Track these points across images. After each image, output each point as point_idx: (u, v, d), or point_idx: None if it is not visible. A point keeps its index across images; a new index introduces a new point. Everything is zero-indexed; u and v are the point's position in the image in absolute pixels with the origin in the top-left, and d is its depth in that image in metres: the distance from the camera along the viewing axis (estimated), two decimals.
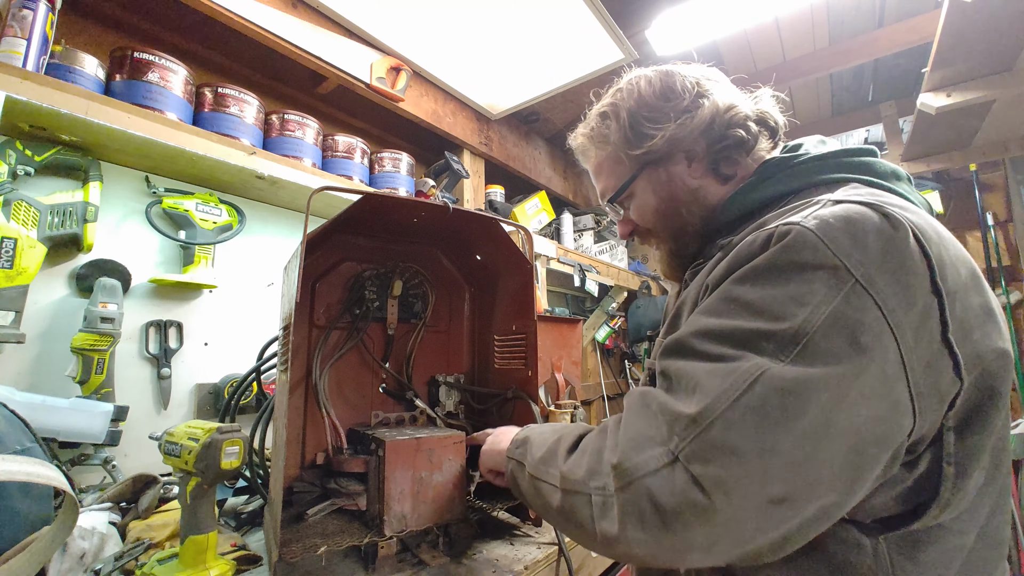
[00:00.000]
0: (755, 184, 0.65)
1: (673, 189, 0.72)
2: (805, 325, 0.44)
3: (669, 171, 0.72)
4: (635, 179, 0.74)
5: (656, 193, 0.73)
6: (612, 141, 0.73)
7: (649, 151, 0.70)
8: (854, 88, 2.84)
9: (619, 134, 0.72)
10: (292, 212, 1.64)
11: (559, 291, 2.93)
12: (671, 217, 0.73)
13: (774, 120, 0.71)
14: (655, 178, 0.72)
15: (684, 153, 0.70)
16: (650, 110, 0.70)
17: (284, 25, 1.42)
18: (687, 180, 0.71)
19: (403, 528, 0.86)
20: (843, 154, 0.62)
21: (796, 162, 0.63)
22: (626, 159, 0.73)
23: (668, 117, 0.69)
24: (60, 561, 0.74)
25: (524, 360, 1.10)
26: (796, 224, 0.49)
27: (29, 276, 1.00)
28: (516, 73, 1.88)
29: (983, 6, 1.50)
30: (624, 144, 0.72)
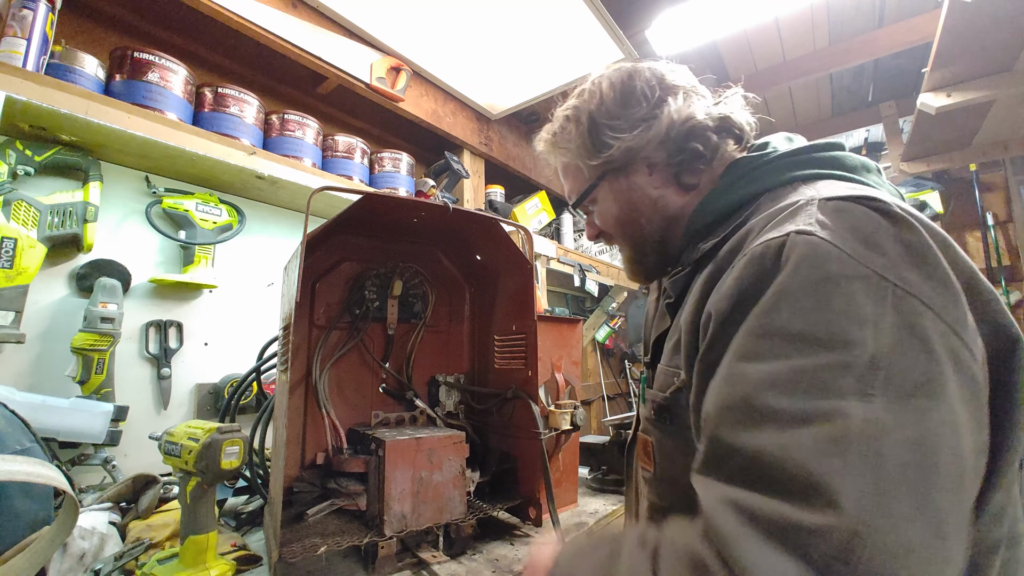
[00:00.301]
0: (728, 185, 0.64)
1: (633, 198, 0.70)
2: (877, 347, 0.38)
3: (630, 180, 0.70)
4: (596, 187, 0.73)
5: (616, 201, 0.72)
6: (573, 147, 0.72)
7: (607, 160, 0.69)
8: (854, 88, 2.84)
9: (578, 141, 0.71)
10: (292, 212, 1.64)
11: (559, 291, 2.93)
12: (631, 226, 0.72)
13: (739, 127, 0.68)
14: (616, 186, 0.71)
15: (645, 162, 0.69)
16: (609, 117, 0.68)
17: (284, 25, 1.42)
18: (648, 190, 0.70)
19: (403, 528, 0.86)
20: (812, 149, 0.61)
21: (765, 160, 0.62)
22: (587, 166, 0.72)
23: (625, 127, 0.67)
24: (60, 561, 0.74)
25: (524, 360, 1.10)
26: (804, 233, 0.45)
27: (29, 276, 1.00)
28: (516, 73, 1.88)
29: (983, 6, 1.50)
30: (583, 152, 0.71)
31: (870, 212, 0.46)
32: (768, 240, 0.47)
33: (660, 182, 0.69)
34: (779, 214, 0.51)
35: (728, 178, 0.64)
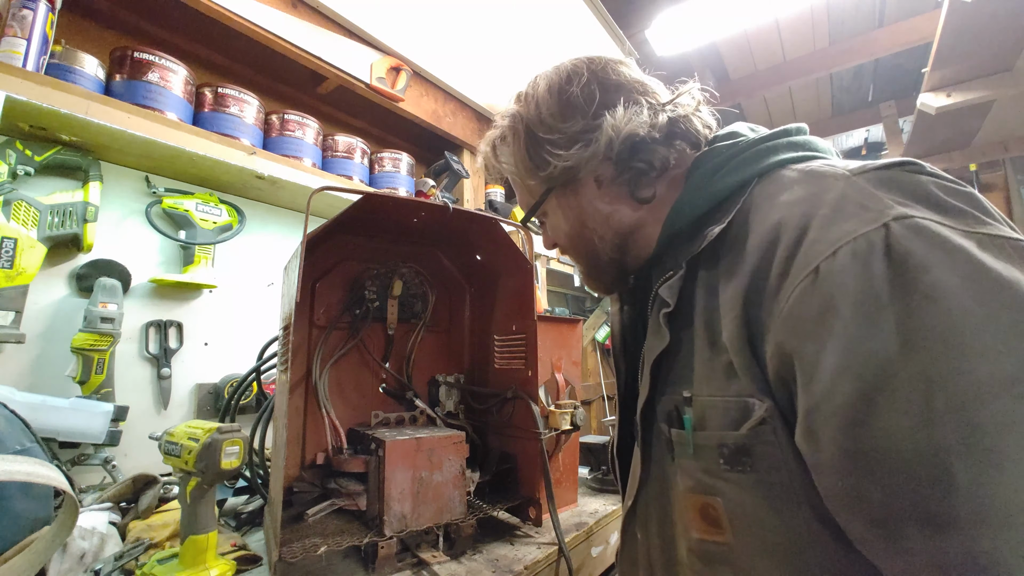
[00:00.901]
0: (706, 177, 0.57)
1: (582, 215, 0.65)
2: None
3: (578, 195, 0.65)
4: (543, 202, 0.68)
5: (566, 218, 0.67)
6: (516, 160, 0.67)
7: (551, 176, 0.64)
8: (854, 88, 2.84)
9: (518, 156, 0.66)
10: (292, 212, 1.64)
11: (559, 291, 2.93)
12: (582, 242, 0.67)
13: (694, 130, 0.61)
14: (564, 202, 0.66)
15: (592, 176, 0.63)
16: (547, 130, 0.63)
17: (284, 25, 1.42)
18: (598, 205, 0.64)
19: (403, 528, 0.86)
20: (784, 134, 0.56)
21: (740, 147, 0.56)
22: (533, 179, 0.67)
23: (563, 142, 0.62)
24: (60, 561, 0.74)
25: (524, 360, 1.10)
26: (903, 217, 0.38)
27: (29, 276, 1.00)
28: (516, 73, 1.88)
29: (983, 6, 1.50)
30: (523, 169, 0.66)
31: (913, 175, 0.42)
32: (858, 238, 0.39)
33: (611, 197, 0.63)
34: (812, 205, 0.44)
35: (704, 170, 0.58)
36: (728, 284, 0.49)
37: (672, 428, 0.53)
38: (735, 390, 0.47)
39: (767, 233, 0.46)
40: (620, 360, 0.74)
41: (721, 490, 0.48)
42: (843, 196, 0.42)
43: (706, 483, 0.49)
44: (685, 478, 0.52)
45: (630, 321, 0.73)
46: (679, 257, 0.56)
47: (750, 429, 0.45)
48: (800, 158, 0.53)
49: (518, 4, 1.52)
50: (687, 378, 0.53)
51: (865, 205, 0.41)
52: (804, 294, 0.41)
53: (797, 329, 0.41)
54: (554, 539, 0.95)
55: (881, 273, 0.37)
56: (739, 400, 0.47)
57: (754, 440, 0.45)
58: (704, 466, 0.49)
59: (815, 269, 0.40)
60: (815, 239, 0.42)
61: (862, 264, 0.38)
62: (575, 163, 0.61)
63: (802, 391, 0.41)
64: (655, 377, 0.56)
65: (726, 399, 0.48)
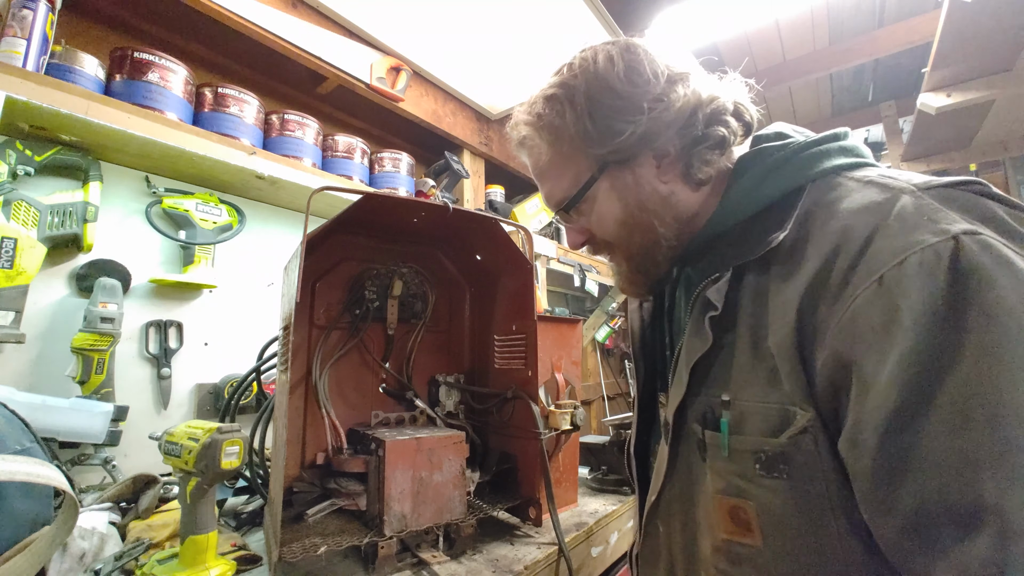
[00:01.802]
0: (759, 178, 0.54)
1: (641, 196, 0.58)
2: None
3: (636, 173, 0.58)
4: (595, 181, 0.59)
5: (621, 200, 0.59)
6: (568, 135, 0.58)
7: (616, 149, 0.56)
8: (854, 88, 2.85)
9: (576, 127, 0.57)
10: (292, 212, 1.64)
11: (559, 291, 2.93)
12: (639, 230, 0.60)
13: (749, 114, 0.59)
14: (620, 182, 0.59)
15: (653, 153, 0.57)
16: (616, 96, 0.56)
17: (284, 25, 1.42)
18: (657, 185, 0.58)
19: (403, 528, 0.86)
20: (834, 138, 0.55)
21: (792, 150, 0.54)
22: (583, 157, 0.59)
23: (639, 108, 0.55)
24: (60, 561, 0.74)
25: (524, 360, 1.10)
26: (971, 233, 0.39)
27: (29, 276, 1.00)
28: (516, 73, 1.88)
29: (983, 6, 1.50)
30: (583, 140, 0.57)
31: (979, 198, 0.43)
32: (927, 248, 0.39)
33: (669, 176, 0.58)
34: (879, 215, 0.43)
35: (755, 171, 0.55)
36: (782, 290, 0.48)
37: (706, 430, 0.53)
38: (776, 397, 0.47)
39: (829, 240, 0.45)
40: (639, 359, 0.72)
41: (754, 495, 0.48)
42: (911, 209, 0.42)
43: (739, 486, 0.49)
44: (716, 480, 0.52)
45: (650, 316, 0.72)
46: (726, 259, 0.54)
47: (790, 438, 0.45)
48: (854, 164, 0.52)
49: (518, 4, 1.52)
50: (724, 381, 0.52)
51: (934, 219, 0.40)
52: (867, 303, 0.40)
53: (858, 338, 0.40)
54: (554, 539, 0.95)
55: (945, 286, 0.37)
56: (780, 408, 0.46)
57: (793, 448, 0.45)
58: (738, 470, 0.49)
59: (880, 278, 0.40)
60: (880, 248, 0.41)
61: (928, 275, 0.38)
62: (650, 129, 0.55)
63: (855, 401, 0.41)
64: (693, 379, 0.55)
65: (767, 405, 0.47)
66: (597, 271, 2.57)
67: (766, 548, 0.48)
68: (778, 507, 0.47)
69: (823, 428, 0.44)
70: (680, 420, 0.57)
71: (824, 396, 0.44)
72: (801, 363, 0.45)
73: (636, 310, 0.74)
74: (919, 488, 0.37)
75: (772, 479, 0.47)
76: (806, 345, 0.45)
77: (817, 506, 0.44)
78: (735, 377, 0.51)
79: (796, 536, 0.46)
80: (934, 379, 0.37)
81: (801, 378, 0.45)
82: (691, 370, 0.54)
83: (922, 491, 0.37)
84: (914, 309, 0.38)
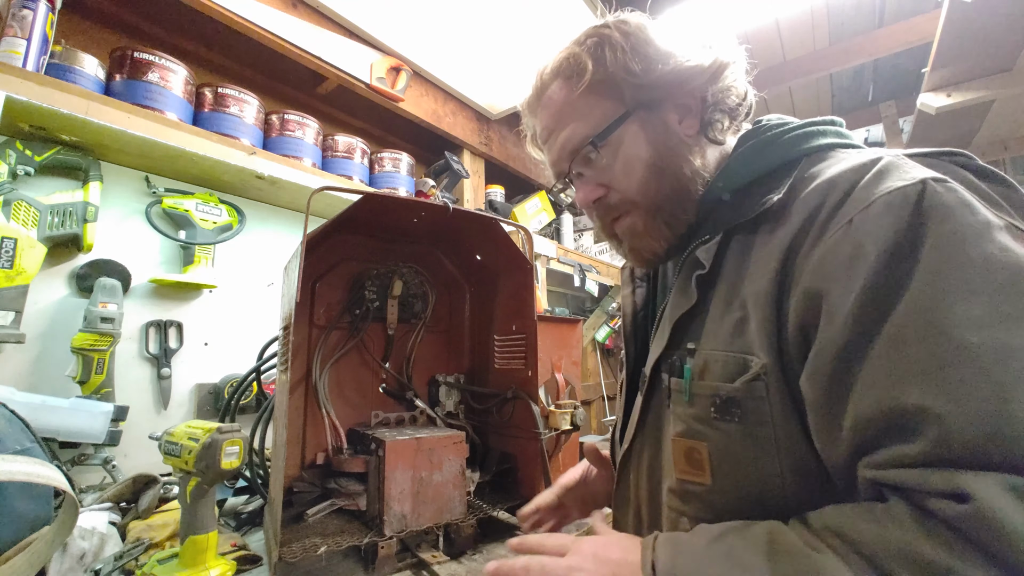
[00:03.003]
0: (757, 149, 0.57)
1: (670, 140, 0.58)
2: None
3: (663, 119, 0.59)
4: (626, 119, 0.58)
5: (650, 141, 0.58)
6: (600, 73, 0.58)
7: (650, 86, 0.57)
8: (854, 88, 2.84)
9: (614, 62, 0.57)
10: (292, 212, 1.64)
11: (559, 291, 2.93)
12: (669, 175, 0.58)
13: (751, 97, 0.62)
14: (649, 124, 0.58)
15: (676, 105, 0.59)
16: (648, 44, 0.58)
17: (284, 25, 1.42)
18: (682, 136, 0.59)
19: (403, 528, 0.86)
20: (830, 123, 0.58)
21: (788, 129, 0.57)
22: (614, 97, 0.59)
23: (672, 53, 0.57)
24: (60, 561, 0.73)
25: (524, 360, 1.10)
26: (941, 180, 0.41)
27: (29, 276, 1.00)
28: (516, 73, 1.88)
29: (983, 6, 1.50)
30: (623, 70, 0.57)
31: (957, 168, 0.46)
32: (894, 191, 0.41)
33: (692, 130, 0.59)
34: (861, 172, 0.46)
35: (755, 142, 0.58)
36: (767, 243, 0.50)
37: (672, 377, 0.56)
38: (737, 346, 0.50)
39: (815, 197, 0.48)
40: (630, 343, 0.73)
41: (708, 436, 0.51)
42: (890, 166, 0.45)
43: (695, 429, 0.52)
44: (677, 424, 0.55)
45: (642, 302, 0.73)
46: (719, 224, 0.56)
47: (744, 383, 0.48)
48: (846, 144, 0.55)
49: (518, 4, 1.52)
50: (697, 334, 0.54)
51: (908, 172, 0.43)
52: (836, 243, 0.43)
53: (827, 275, 0.43)
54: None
55: (907, 222, 0.40)
56: (739, 356, 0.49)
57: (745, 394, 0.48)
58: (696, 413, 0.52)
59: (850, 220, 0.43)
60: (856, 197, 0.44)
61: (894, 214, 0.40)
62: (683, 75, 0.57)
63: (821, 330, 0.43)
64: (674, 334, 0.57)
65: (727, 354, 0.50)
66: (597, 271, 2.57)
67: (715, 486, 0.51)
68: (728, 448, 0.50)
69: (779, 375, 0.46)
70: (655, 373, 0.59)
71: (793, 339, 0.45)
72: (775, 312, 0.47)
73: (629, 295, 0.75)
74: (858, 406, 0.39)
75: (725, 422, 0.50)
76: (783, 295, 0.47)
77: (764, 448, 0.47)
78: (706, 329, 0.54)
79: (742, 475, 0.49)
80: (886, 308, 0.39)
81: (771, 326, 0.47)
82: (673, 327, 0.56)
83: (860, 408, 0.39)
84: (877, 245, 0.40)
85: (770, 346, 0.47)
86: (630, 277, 0.75)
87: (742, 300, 0.50)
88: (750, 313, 0.49)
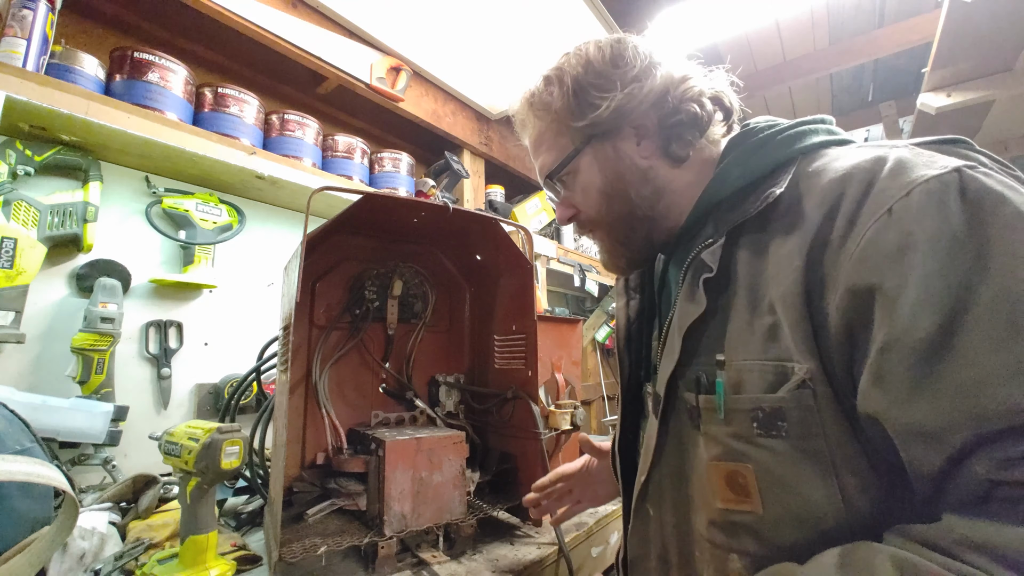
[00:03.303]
0: (751, 151, 0.57)
1: (620, 168, 0.63)
2: None
3: (617, 147, 0.63)
4: (579, 154, 0.64)
5: (602, 172, 0.63)
6: (555, 109, 0.64)
7: (594, 123, 0.61)
8: (854, 88, 2.84)
9: (562, 101, 0.63)
10: (292, 212, 1.64)
11: (559, 291, 2.93)
12: (618, 200, 0.64)
13: (729, 100, 0.63)
14: (601, 154, 0.63)
15: (633, 129, 0.62)
16: (597, 76, 0.61)
17: (284, 25, 1.42)
18: (636, 159, 0.62)
19: (403, 528, 0.86)
20: (821, 121, 0.58)
21: (780, 129, 0.57)
22: (568, 131, 0.64)
23: (615, 85, 0.60)
24: (60, 561, 0.73)
25: (524, 360, 1.10)
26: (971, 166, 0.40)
27: (29, 276, 1.00)
28: (516, 73, 1.88)
29: (983, 6, 1.50)
30: (567, 113, 0.63)
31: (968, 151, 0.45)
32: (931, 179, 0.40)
33: (649, 151, 0.63)
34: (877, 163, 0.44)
35: (747, 145, 0.58)
36: (786, 242, 0.47)
37: (700, 395, 0.52)
38: (774, 354, 0.46)
39: (831, 189, 0.46)
40: (624, 354, 0.72)
41: (752, 456, 0.46)
42: (908, 155, 0.43)
43: (736, 450, 0.48)
44: (712, 446, 0.50)
45: (636, 314, 0.73)
46: (720, 226, 0.55)
47: (789, 392, 0.44)
48: (840, 141, 0.55)
49: (518, 4, 1.52)
50: (720, 344, 0.51)
51: (932, 159, 0.42)
52: (878, 234, 0.40)
53: (875, 266, 0.40)
54: (554, 539, 0.95)
55: (958, 210, 0.38)
56: (778, 364, 0.45)
57: (792, 404, 0.44)
58: (735, 431, 0.48)
59: (888, 210, 0.40)
60: (884, 187, 0.42)
61: (938, 202, 0.38)
62: (625, 105, 0.60)
63: (878, 328, 0.39)
64: (686, 345, 0.54)
65: (764, 363, 0.46)
66: (597, 271, 2.57)
67: (766, 513, 0.46)
68: (777, 468, 0.45)
69: (825, 381, 0.43)
70: (672, 391, 0.56)
71: (837, 342, 0.42)
72: (808, 313, 0.44)
73: (623, 308, 0.75)
74: (971, 406, 0.35)
75: (771, 438, 0.45)
76: (814, 294, 0.44)
77: (818, 464, 0.43)
78: (731, 337, 0.50)
79: (796, 498, 0.44)
80: (965, 297, 0.36)
81: (807, 328, 0.44)
82: (684, 337, 0.53)
83: (975, 408, 0.35)
84: (928, 233, 0.38)
85: (810, 350, 0.43)
86: (624, 288, 0.75)
87: (770, 304, 0.47)
88: (781, 318, 0.45)
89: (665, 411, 0.56)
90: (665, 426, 0.57)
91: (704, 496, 0.51)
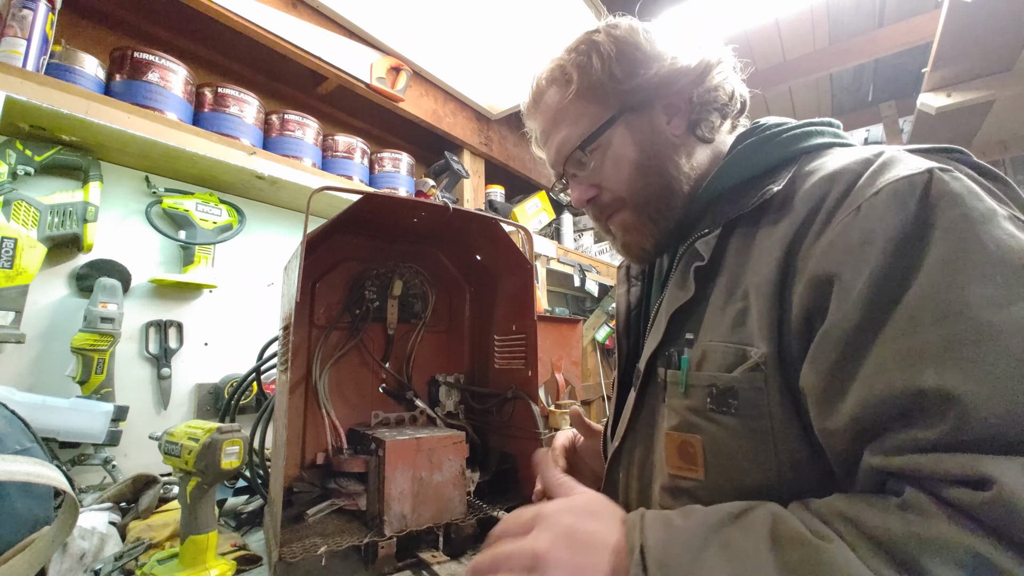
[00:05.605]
0: (756, 147, 0.58)
1: (656, 140, 0.61)
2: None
3: (651, 120, 0.61)
4: (614, 123, 0.61)
5: (636, 143, 0.61)
6: (589, 79, 0.61)
7: (635, 89, 0.60)
8: (854, 88, 2.84)
9: (603, 69, 0.60)
10: (292, 212, 1.64)
11: (559, 291, 2.93)
12: (654, 172, 0.61)
13: (744, 97, 0.64)
14: (636, 126, 0.61)
15: (664, 106, 0.61)
16: (637, 49, 0.60)
17: (284, 25, 1.42)
18: (669, 136, 0.61)
19: (403, 528, 0.86)
20: (827, 123, 0.59)
21: (786, 128, 0.58)
22: (605, 97, 0.61)
23: (660, 56, 0.59)
24: (60, 561, 0.73)
25: (524, 360, 1.10)
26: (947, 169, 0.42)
27: (29, 276, 1.00)
28: (516, 73, 1.88)
29: (983, 6, 1.50)
30: (608, 77, 0.60)
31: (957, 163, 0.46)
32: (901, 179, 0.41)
33: (680, 130, 0.61)
34: (864, 164, 0.46)
35: (752, 141, 0.58)
36: (771, 234, 0.49)
37: (668, 369, 0.55)
38: (738, 337, 0.49)
39: (820, 187, 0.48)
40: (623, 340, 0.73)
41: (703, 428, 0.50)
42: (893, 156, 0.46)
43: (690, 421, 0.51)
44: (671, 416, 0.53)
45: (636, 301, 0.74)
46: (718, 217, 0.56)
47: (742, 372, 0.47)
48: (843, 144, 0.56)
49: (518, 4, 1.52)
50: (696, 326, 0.54)
51: (917, 163, 0.43)
52: (846, 228, 0.43)
53: (836, 259, 0.42)
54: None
55: (914, 209, 0.40)
56: (739, 347, 0.48)
57: (744, 384, 0.47)
58: (691, 404, 0.51)
59: (858, 207, 0.43)
60: (862, 185, 0.44)
61: (900, 201, 0.41)
62: (668, 76, 0.59)
63: (829, 316, 0.42)
64: (670, 327, 0.56)
65: (727, 345, 0.49)
66: (597, 271, 2.57)
67: (707, 481, 0.49)
68: (723, 441, 0.48)
69: (778, 367, 0.45)
70: (651, 367, 0.58)
71: (796, 329, 0.45)
72: (778, 302, 0.46)
73: (624, 294, 0.75)
74: (867, 390, 0.38)
75: (721, 414, 0.48)
76: (786, 284, 0.46)
77: (760, 442, 0.46)
78: (706, 320, 0.53)
79: (736, 470, 0.47)
80: (898, 291, 0.39)
81: (773, 316, 0.46)
82: (669, 319, 0.56)
83: (869, 391, 0.38)
84: (887, 230, 0.40)
85: (771, 336, 0.46)
86: (625, 275, 0.76)
87: (744, 291, 0.49)
88: (752, 303, 0.48)
89: (643, 385, 0.59)
90: (641, 399, 0.60)
91: (660, 464, 0.55)
